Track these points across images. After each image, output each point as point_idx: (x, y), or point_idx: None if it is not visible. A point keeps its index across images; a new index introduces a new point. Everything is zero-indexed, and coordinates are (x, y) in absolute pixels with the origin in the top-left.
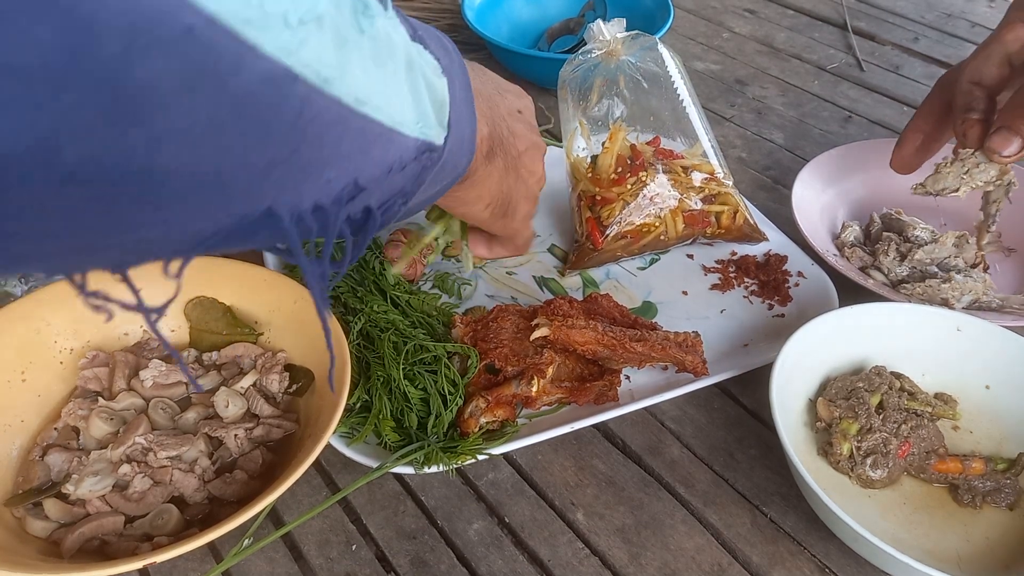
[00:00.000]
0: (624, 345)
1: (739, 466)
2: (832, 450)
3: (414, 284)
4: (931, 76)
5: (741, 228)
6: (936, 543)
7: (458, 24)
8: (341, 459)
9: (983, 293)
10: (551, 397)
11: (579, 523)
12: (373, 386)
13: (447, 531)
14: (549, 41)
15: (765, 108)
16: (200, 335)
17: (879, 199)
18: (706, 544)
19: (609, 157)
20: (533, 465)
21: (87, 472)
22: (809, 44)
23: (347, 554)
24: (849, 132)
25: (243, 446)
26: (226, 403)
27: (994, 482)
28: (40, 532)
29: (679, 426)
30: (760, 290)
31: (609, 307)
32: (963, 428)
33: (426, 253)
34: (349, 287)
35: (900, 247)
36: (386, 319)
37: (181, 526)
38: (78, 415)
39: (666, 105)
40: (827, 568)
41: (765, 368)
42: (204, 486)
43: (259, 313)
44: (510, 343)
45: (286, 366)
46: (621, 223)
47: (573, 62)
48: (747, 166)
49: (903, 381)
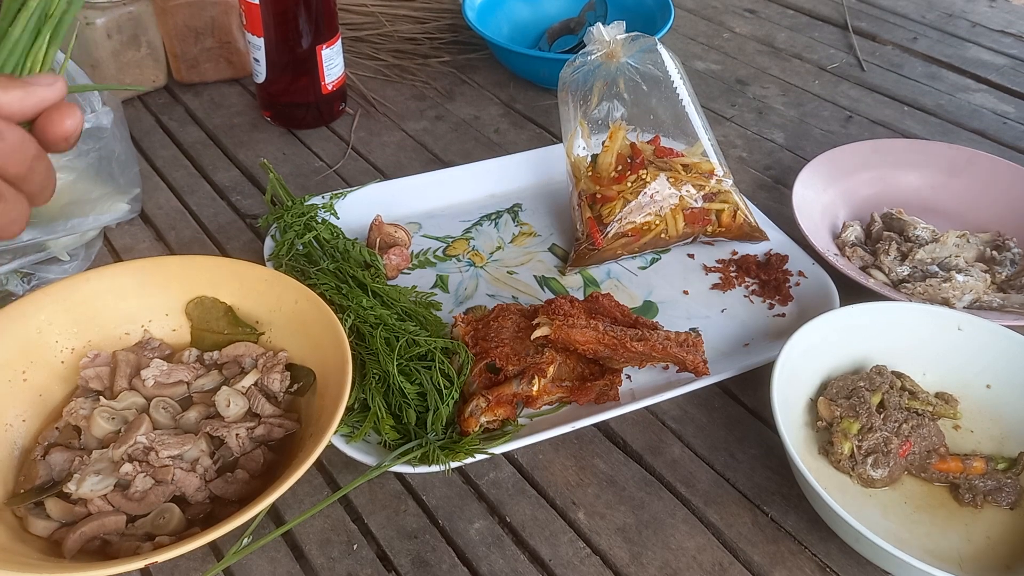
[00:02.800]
0: (625, 344)
1: (740, 465)
2: (833, 449)
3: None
4: (931, 76)
5: (741, 227)
6: (937, 542)
7: (458, 24)
8: (342, 458)
9: (984, 292)
10: (552, 396)
11: (580, 522)
12: (368, 383)
13: (448, 530)
14: (549, 41)
15: (766, 108)
16: (201, 335)
17: (880, 199)
18: (707, 543)
19: (609, 155)
20: (534, 464)
21: (88, 471)
22: (810, 44)
23: (348, 553)
24: (850, 132)
25: (244, 445)
26: (227, 402)
27: (995, 481)
28: (41, 532)
29: (680, 425)
30: (761, 289)
31: (610, 306)
32: (964, 427)
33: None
34: (333, 285)
35: (901, 246)
36: (374, 315)
37: (182, 525)
38: (79, 414)
39: (666, 106)
40: (828, 568)
41: (766, 367)
42: (206, 485)
43: (260, 313)
44: (511, 342)
45: (287, 365)
46: (621, 221)
47: (573, 64)
48: (748, 166)
49: (904, 380)
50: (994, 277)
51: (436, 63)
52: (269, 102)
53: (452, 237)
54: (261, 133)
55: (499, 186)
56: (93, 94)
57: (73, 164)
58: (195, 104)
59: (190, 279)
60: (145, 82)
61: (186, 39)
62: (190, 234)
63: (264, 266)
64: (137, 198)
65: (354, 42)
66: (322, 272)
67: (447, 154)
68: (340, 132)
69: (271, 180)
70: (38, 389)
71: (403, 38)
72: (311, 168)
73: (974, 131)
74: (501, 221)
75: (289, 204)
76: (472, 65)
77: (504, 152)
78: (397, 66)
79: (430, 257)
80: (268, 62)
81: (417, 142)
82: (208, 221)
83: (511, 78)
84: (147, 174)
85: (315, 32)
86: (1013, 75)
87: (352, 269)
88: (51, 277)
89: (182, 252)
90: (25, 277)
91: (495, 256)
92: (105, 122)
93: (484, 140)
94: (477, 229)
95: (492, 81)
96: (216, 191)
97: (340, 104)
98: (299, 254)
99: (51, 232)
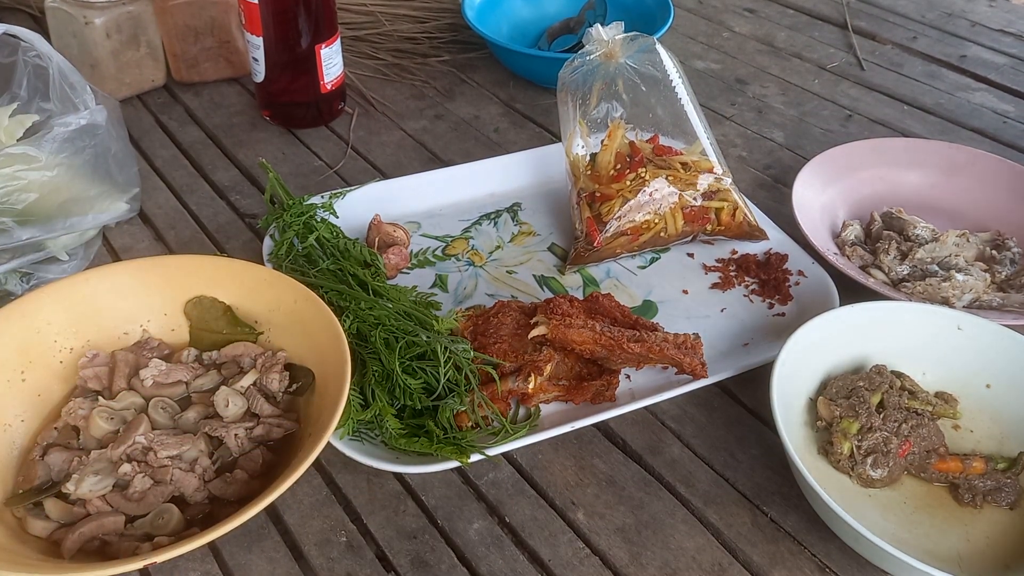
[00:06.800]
0: (622, 345)
1: (740, 465)
2: (833, 449)
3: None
4: (931, 75)
5: (741, 225)
6: (937, 542)
7: (458, 23)
8: (341, 458)
9: (984, 292)
10: (548, 395)
11: (579, 523)
12: (368, 381)
13: (447, 531)
14: (549, 40)
15: (765, 107)
16: (200, 334)
17: (880, 198)
18: (707, 544)
19: (608, 154)
20: (533, 464)
21: (87, 472)
22: (809, 43)
23: (348, 554)
24: (850, 131)
25: (243, 445)
26: (226, 402)
27: (995, 481)
28: (40, 532)
29: (679, 425)
30: (760, 289)
31: (610, 307)
32: (964, 427)
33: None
34: (333, 285)
35: (901, 246)
36: (373, 315)
37: (181, 526)
38: (78, 414)
39: (665, 106)
40: (828, 568)
41: (766, 367)
42: (204, 486)
43: (259, 312)
44: (509, 339)
45: (286, 365)
46: (620, 220)
47: (572, 64)
48: (748, 165)
49: (904, 380)
50: (994, 276)
51: (436, 62)
52: (268, 101)
53: (451, 236)
54: (260, 132)
55: (498, 185)
56: (87, 92)
57: (69, 161)
58: (194, 103)
59: (189, 279)
60: (144, 82)
61: (185, 38)
62: (189, 234)
63: (263, 266)
64: (136, 197)
65: (353, 41)
66: (322, 272)
67: (446, 153)
68: (339, 131)
69: (270, 179)
70: (37, 389)
71: (402, 37)
72: (310, 167)
73: (974, 130)
74: (500, 220)
75: (288, 204)
76: (472, 64)
77: (503, 151)
78: (396, 65)
79: (429, 256)
80: (267, 61)
81: (416, 141)
82: (207, 221)
83: (511, 77)
84: (146, 173)
85: (314, 31)
86: (1013, 74)
87: (352, 268)
88: (50, 277)
89: (181, 252)
90: (24, 276)
91: (494, 255)
92: (99, 119)
93: (483, 139)
94: (476, 228)
95: (492, 80)
96: (215, 191)
97: (339, 103)
98: (298, 254)
99: (50, 231)
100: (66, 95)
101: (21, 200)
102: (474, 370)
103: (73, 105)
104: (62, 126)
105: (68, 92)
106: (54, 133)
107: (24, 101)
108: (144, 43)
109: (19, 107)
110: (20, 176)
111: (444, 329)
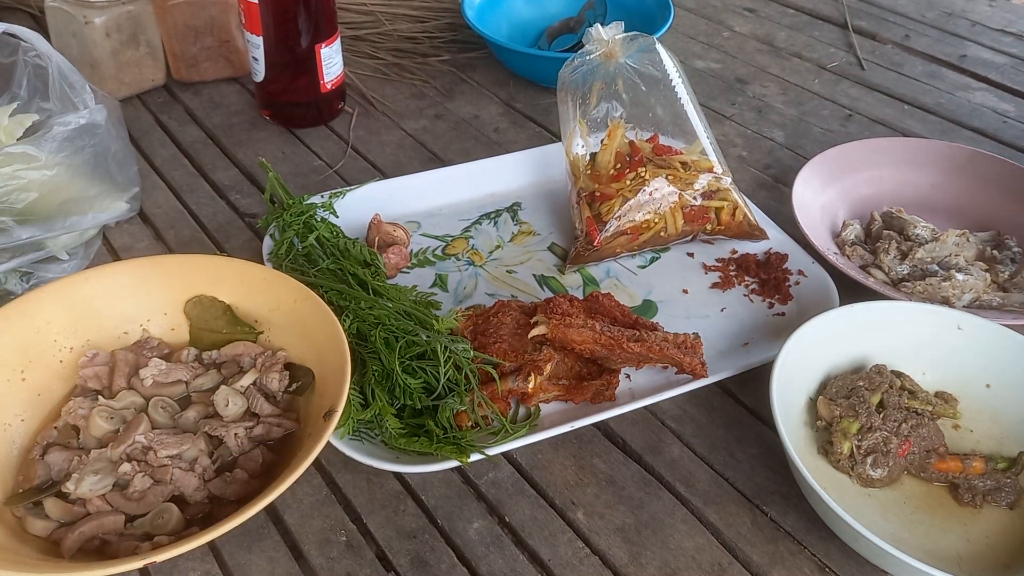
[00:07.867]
0: (621, 345)
1: (739, 465)
2: (832, 449)
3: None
4: (931, 75)
5: (741, 225)
6: (936, 542)
7: (458, 23)
8: (341, 458)
9: (984, 291)
10: (548, 395)
11: (579, 522)
12: (368, 381)
13: (447, 530)
14: (549, 40)
15: (766, 107)
16: (200, 334)
17: (880, 197)
18: (706, 543)
19: (608, 153)
20: (533, 464)
21: (87, 471)
22: (809, 43)
23: (347, 553)
24: (850, 131)
25: (243, 445)
26: (226, 402)
27: (994, 481)
28: (40, 531)
29: (679, 425)
30: (760, 288)
31: (610, 306)
32: (963, 427)
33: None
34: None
35: (901, 245)
36: (373, 315)
37: (181, 525)
38: (78, 414)
39: (664, 105)
40: (827, 568)
41: (765, 367)
42: (204, 485)
43: (259, 312)
44: (509, 339)
45: (286, 365)
46: (620, 219)
47: (572, 64)
48: (748, 164)
49: (903, 380)
50: (994, 276)
51: (435, 62)
52: (268, 101)
53: (451, 236)
54: (260, 132)
55: (498, 185)
56: (86, 91)
57: (69, 160)
58: (194, 103)
59: (189, 278)
60: (144, 81)
61: (185, 38)
62: (189, 233)
63: (263, 265)
64: (136, 197)
65: (353, 41)
66: (322, 271)
67: (446, 153)
68: (339, 131)
69: (270, 179)
70: (37, 388)
71: (402, 37)
72: (310, 167)
73: (974, 130)
74: (500, 220)
75: (288, 203)
76: (471, 64)
77: (503, 151)
78: (396, 65)
79: (429, 256)
80: (267, 61)
81: (416, 141)
82: (207, 220)
83: (510, 77)
84: (146, 173)
85: (314, 31)
86: (1013, 74)
87: (352, 267)
88: (50, 276)
89: (181, 251)
90: (24, 276)
91: (494, 255)
92: (98, 119)
93: (483, 139)
94: (476, 228)
95: (491, 80)
96: (215, 190)
97: (339, 103)
98: (298, 253)
99: (49, 230)
100: (66, 95)
101: (21, 199)
102: (474, 370)
103: (73, 105)
104: (62, 125)
105: (68, 92)
106: (54, 132)
107: (24, 101)
108: (144, 43)
109: (19, 107)
110: (20, 175)
111: (444, 329)
